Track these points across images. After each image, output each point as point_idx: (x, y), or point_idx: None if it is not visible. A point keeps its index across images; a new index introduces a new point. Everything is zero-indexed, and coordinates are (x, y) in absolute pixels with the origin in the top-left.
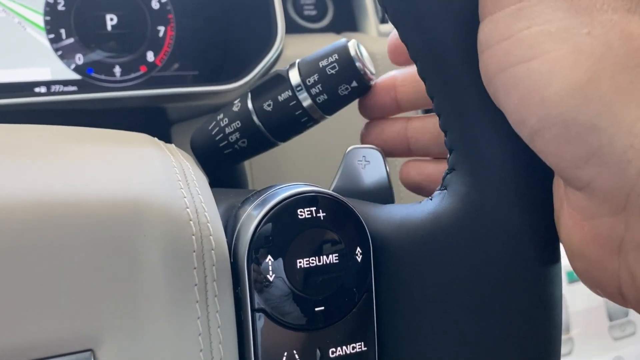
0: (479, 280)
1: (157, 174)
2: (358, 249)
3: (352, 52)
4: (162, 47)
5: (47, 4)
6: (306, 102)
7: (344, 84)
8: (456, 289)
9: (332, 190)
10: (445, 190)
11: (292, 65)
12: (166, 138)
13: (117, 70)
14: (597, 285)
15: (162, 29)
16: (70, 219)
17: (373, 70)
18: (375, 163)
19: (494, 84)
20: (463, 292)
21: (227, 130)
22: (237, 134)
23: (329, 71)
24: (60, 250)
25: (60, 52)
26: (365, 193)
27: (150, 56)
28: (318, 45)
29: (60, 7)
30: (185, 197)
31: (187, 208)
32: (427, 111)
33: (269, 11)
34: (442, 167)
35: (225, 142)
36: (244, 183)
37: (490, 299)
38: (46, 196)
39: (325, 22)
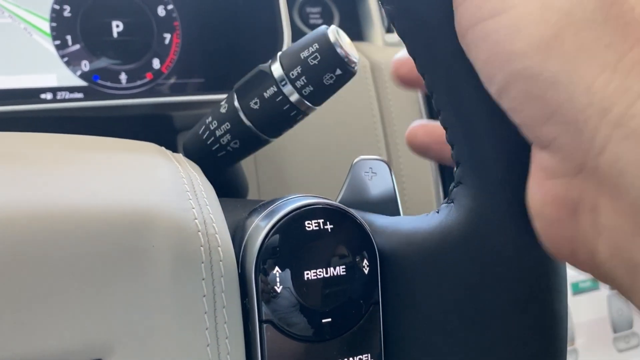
0: (487, 293)
1: (166, 185)
2: (365, 261)
3: (332, 39)
4: (168, 55)
5: (53, 10)
6: (293, 96)
7: (328, 73)
8: (464, 302)
9: (339, 202)
10: (452, 204)
11: (273, 60)
12: (172, 146)
13: (123, 77)
14: (554, 247)
15: (168, 36)
16: (78, 229)
17: (356, 55)
18: (381, 175)
19: (466, 40)
20: (471, 305)
21: (218, 133)
22: (228, 136)
23: (311, 62)
24: (69, 261)
25: (66, 59)
26: (371, 204)
27: (156, 63)
28: None
29: (67, 14)
30: (193, 208)
31: (196, 219)
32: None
33: (275, 19)
34: None
35: (218, 145)
36: (243, 186)
37: (499, 312)
38: (54, 207)
39: None
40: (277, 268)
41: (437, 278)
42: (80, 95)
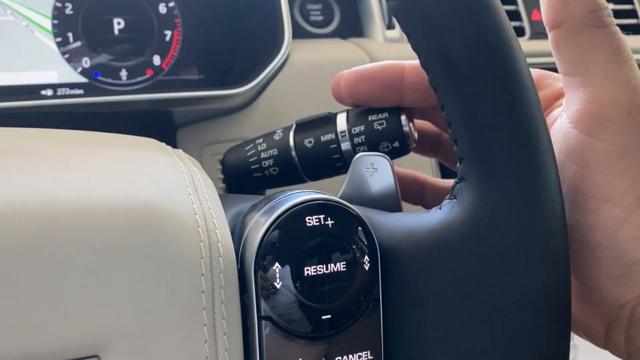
0: (489, 290)
1: (166, 180)
2: (366, 257)
3: (402, 115)
4: (168, 51)
5: (55, 8)
6: (346, 148)
7: (386, 141)
8: (465, 299)
9: (340, 198)
10: (455, 200)
11: (341, 112)
12: (172, 142)
13: (124, 73)
14: None
15: (168, 33)
16: (77, 225)
17: (416, 138)
18: (382, 171)
19: None
20: (472, 302)
21: (263, 155)
22: (270, 161)
23: (376, 126)
24: (68, 256)
25: (67, 56)
26: (372, 201)
27: (156, 60)
28: (324, 50)
29: (68, 11)
30: (193, 204)
31: (196, 214)
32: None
33: (276, 16)
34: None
35: (258, 165)
36: None
37: (500, 309)
38: (54, 202)
39: (331, 27)
40: (276, 264)
41: (439, 274)
42: (80, 91)
